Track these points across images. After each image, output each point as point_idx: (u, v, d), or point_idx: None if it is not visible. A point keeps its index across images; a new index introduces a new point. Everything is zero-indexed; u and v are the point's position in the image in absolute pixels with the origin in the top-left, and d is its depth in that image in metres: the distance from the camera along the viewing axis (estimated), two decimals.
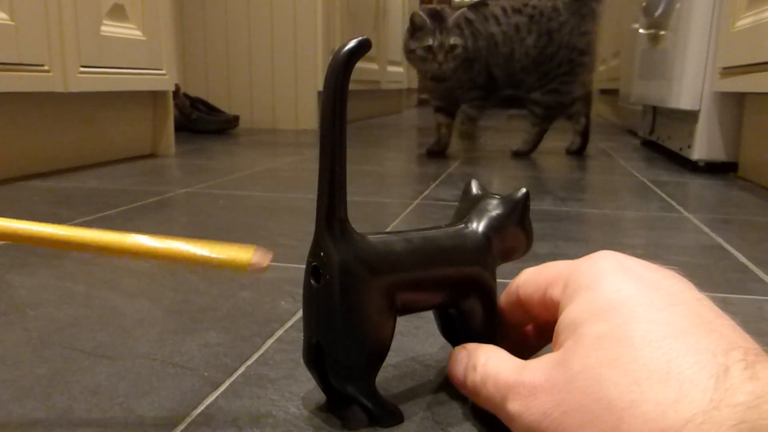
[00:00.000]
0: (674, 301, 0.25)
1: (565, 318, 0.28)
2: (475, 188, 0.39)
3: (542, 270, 0.33)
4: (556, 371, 0.26)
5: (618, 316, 0.25)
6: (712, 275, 0.59)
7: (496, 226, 0.37)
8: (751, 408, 0.19)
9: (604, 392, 0.23)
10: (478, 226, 0.37)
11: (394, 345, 0.42)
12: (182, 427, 0.32)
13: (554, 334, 0.29)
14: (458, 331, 0.37)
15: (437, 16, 1.40)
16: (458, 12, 1.42)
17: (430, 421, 0.33)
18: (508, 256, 0.38)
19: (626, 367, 0.23)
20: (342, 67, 0.28)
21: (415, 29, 1.40)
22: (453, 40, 1.40)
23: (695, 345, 0.23)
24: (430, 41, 1.38)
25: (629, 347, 0.24)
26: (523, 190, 0.38)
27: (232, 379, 0.37)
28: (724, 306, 0.51)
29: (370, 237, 0.32)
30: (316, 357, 0.32)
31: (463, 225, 0.37)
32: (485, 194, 0.39)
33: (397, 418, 0.32)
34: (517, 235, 0.38)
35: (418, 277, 0.33)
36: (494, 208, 0.37)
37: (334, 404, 0.34)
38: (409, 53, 1.43)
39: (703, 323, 0.24)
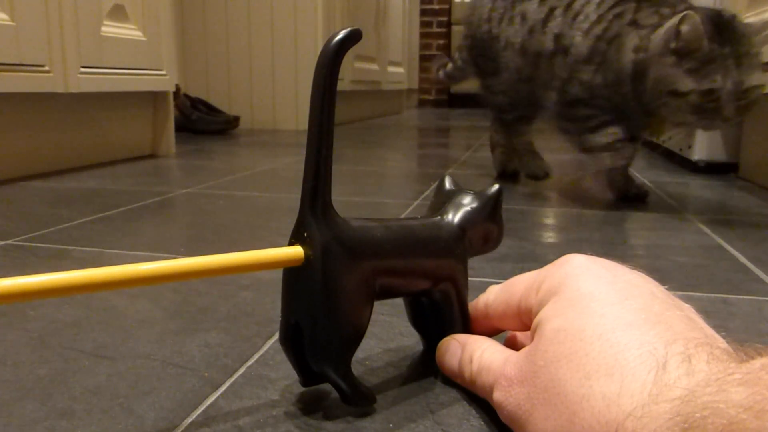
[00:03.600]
0: (627, 295, 0.27)
1: (536, 319, 0.30)
2: (448, 184, 0.41)
3: (510, 287, 0.35)
4: (525, 365, 0.28)
5: (573, 311, 0.28)
6: (712, 275, 0.59)
7: (470, 219, 0.38)
8: (686, 402, 0.21)
9: (561, 387, 0.25)
10: (454, 218, 0.38)
11: (394, 345, 0.42)
12: (182, 427, 0.32)
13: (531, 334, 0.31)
14: (428, 320, 0.39)
15: (727, 29, 0.77)
16: (760, 21, 0.81)
17: (430, 421, 0.33)
18: (481, 248, 0.40)
19: (579, 361, 0.25)
20: (332, 55, 0.30)
21: (686, 50, 0.77)
22: (757, 78, 0.78)
23: (640, 338, 0.25)
24: (719, 81, 0.76)
25: (581, 341, 0.26)
26: (497, 186, 0.40)
27: (232, 379, 0.37)
28: (724, 306, 0.51)
29: (353, 221, 0.33)
30: (293, 337, 0.33)
31: (439, 217, 0.38)
32: (459, 189, 0.40)
33: (369, 400, 0.33)
34: (490, 228, 0.39)
35: (396, 263, 0.34)
36: (469, 203, 0.39)
37: (306, 384, 0.34)
38: (674, 94, 0.79)
39: (650, 316, 0.26)
